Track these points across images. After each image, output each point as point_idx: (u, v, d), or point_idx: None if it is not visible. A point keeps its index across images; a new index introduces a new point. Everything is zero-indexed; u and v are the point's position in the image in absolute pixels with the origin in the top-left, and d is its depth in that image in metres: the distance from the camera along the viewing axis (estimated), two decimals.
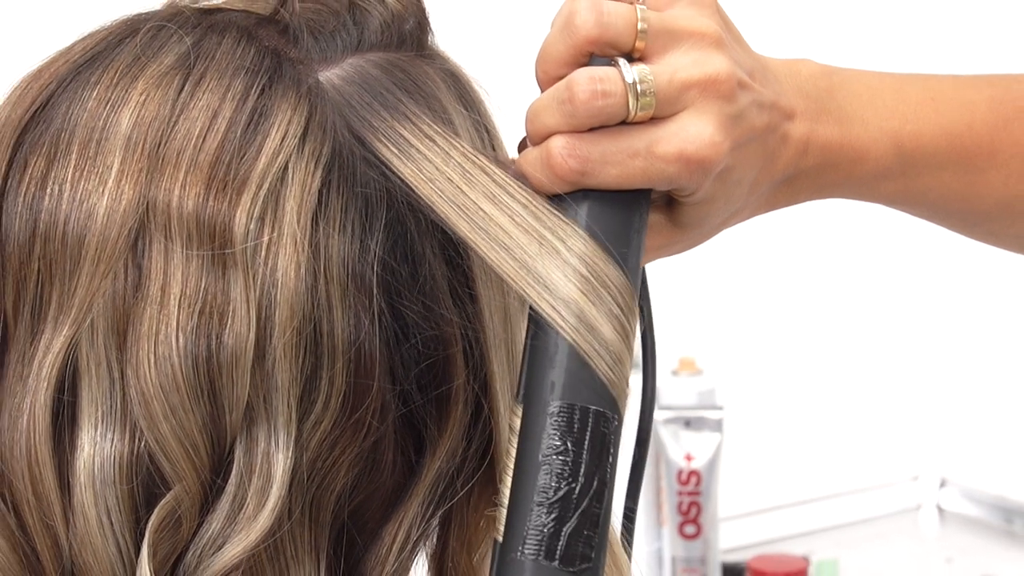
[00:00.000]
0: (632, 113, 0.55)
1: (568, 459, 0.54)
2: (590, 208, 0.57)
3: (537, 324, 0.56)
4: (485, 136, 0.61)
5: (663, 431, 1.75)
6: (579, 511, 0.54)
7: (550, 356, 0.55)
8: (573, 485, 0.54)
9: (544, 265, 0.55)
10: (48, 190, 0.54)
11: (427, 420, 0.57)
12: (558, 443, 0.54)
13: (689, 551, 1.74)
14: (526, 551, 0.54)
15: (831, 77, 0.65)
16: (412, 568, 0.60)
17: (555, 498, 0.54)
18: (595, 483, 0.54)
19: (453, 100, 0.60)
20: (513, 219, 0.56)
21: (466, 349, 0.58)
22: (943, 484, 1.95)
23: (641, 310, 0.61)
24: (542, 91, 0.58)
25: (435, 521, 0.59)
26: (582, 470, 0.54)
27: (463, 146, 0.57)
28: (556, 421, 0.54)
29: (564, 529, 0.54)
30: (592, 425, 0.55)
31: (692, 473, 1.74)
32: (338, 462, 0.55)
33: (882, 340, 1.97)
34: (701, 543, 1.74)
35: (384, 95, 0.57)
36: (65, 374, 0.53)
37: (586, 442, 0.54)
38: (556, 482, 0.54)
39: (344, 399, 0.54)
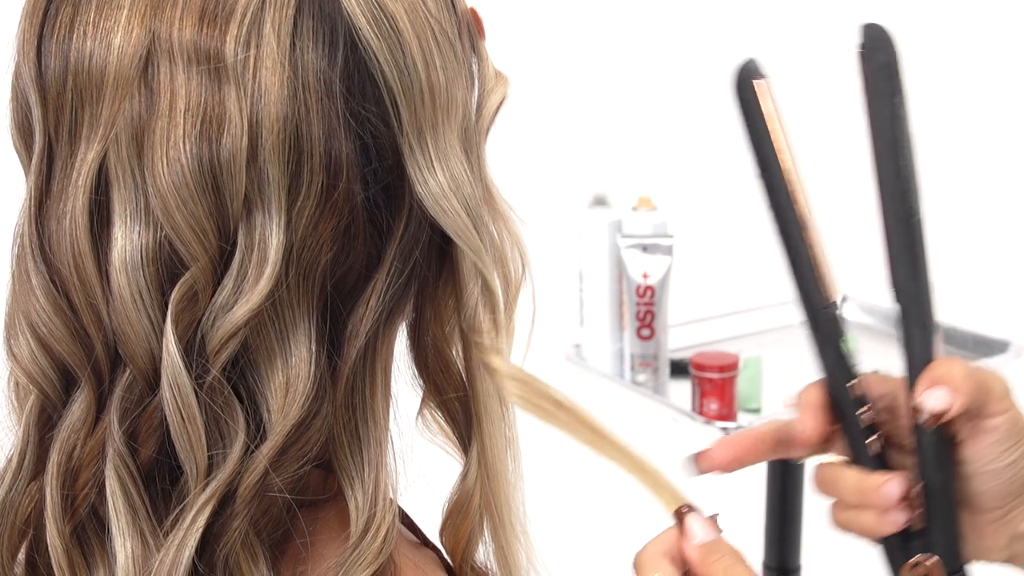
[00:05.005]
0: None
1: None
2: None
3: None
4: None
5: (625, 254, 1.73)
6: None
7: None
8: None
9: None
10: (75, 32, 0.52)
11: (384, 208, 0.55)
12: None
13: (645, 349, 1.74)
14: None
15: None
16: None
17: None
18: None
19: None
20: (427, 62, 0.54)
21: None
22: (845, 299, 1.93)
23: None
24: None
25: (405, 295, 0.57)
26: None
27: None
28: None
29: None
30: None
31: (648, 288, 1.72)
32: (320, 240, 0.52)
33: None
34: (654, 343, 1.74)
35: None
36: (98, 182, 0.52)
37: None
38: None
39: (321, 187, 0.52)
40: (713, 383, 1.65)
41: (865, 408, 0.62)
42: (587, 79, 1.86)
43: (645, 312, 1.73)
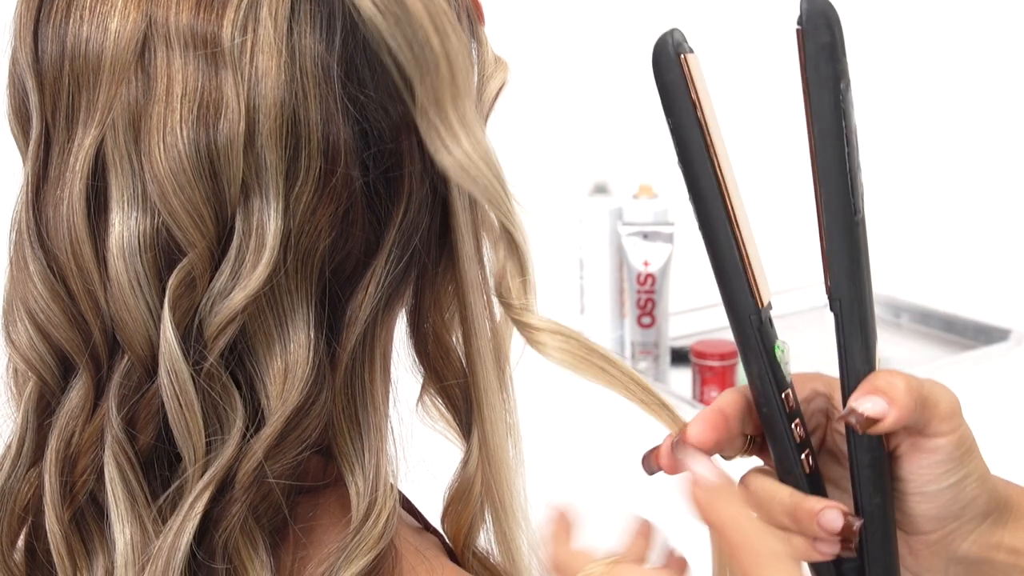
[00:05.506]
0: None
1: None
2: None
3: None
4: None
5: (626, 242, 1.72)
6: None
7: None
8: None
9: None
10: (72, 17, 0.52)
11: (383, 194, 0.54)
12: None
13: (645, 337, 1.74)
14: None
15: None
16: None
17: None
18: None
19: None
20: (439, 33, 0.52)
21: (419, 141, 0.54)
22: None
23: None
24: None
25: (405, 281, 0.57)
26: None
27: None
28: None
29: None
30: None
31: (648, 276, 1.72)
32: (319, 226, 0.52)
33: (799, 170, 1.92)
34: (655, 331, 1.73)
35: None
36: (96, 167, 0.51)
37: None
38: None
39: (320, 173, 0.51)
40: (714, 371, 1.64)
41: (797, 422, 0.57)
42: (587, 66, 1.85)
43: (646, 300, 1.72)
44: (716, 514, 0.53)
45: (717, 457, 0.59)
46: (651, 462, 0.59)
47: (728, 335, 1.75)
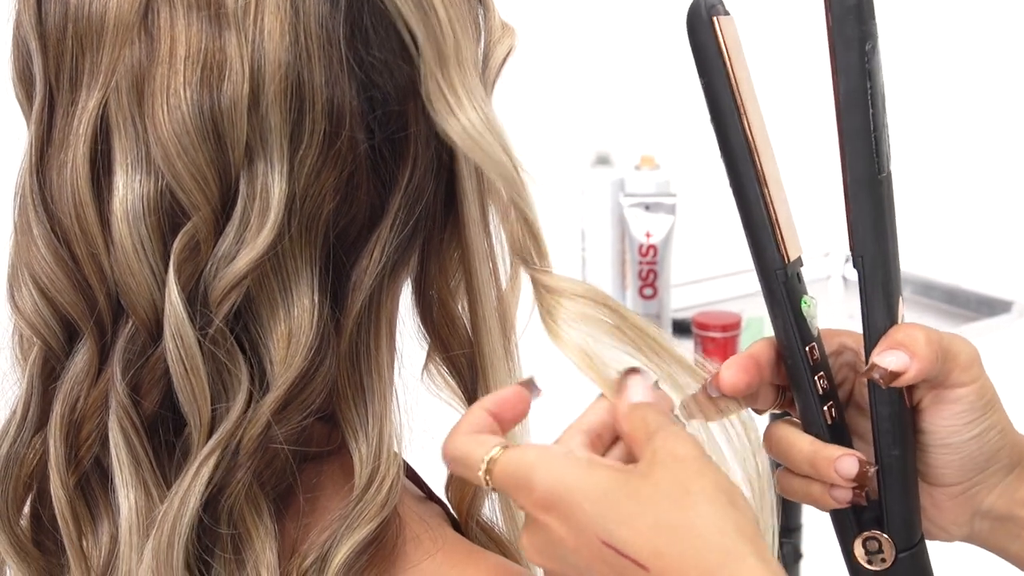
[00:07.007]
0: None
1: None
2: None
3: None
4: None
5: (628, 213, 1.72)
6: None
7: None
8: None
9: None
10: None
11: (388, 158, 0.54)
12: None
13: (647, 308, 1.74)
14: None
15: None
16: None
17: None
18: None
19: None
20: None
21: (424, 106, 0.54)
22: (847, 259, 1.93)
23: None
24: None
25: (410, 247, 0.56)
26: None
27: None
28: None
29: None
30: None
31: (650, 247, 1.72)
32: (323, 189, 0.52)
33: (800, 143, 1.92)
34: (657, 303, 1.74)
35: None
36: (99, 130, 0.51)
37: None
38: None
39: (324, 136, 0.51)
40: (716, 342, 1.64)
41: (821, 374, 0.58)
42: (590, 35, 1.84)
43: (648, 271, 1.72)
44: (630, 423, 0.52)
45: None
46: (690, 408, 0.58)
47: (729, 306, 1.76)
